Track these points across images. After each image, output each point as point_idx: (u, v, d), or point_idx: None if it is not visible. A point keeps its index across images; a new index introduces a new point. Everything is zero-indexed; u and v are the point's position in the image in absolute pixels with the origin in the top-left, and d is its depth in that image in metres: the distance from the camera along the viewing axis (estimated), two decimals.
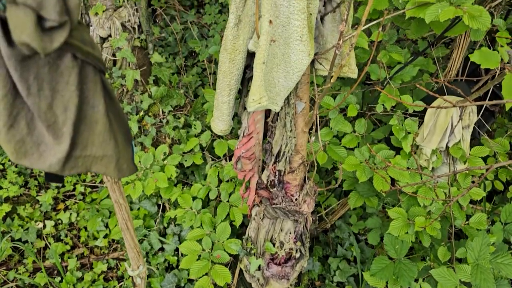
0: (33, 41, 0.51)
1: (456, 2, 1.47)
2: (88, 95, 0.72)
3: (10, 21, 0.51)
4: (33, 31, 0.50)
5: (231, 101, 1.64)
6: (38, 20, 0.51)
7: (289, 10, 1.35)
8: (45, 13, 0.51)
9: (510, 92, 1.47)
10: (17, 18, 0.50)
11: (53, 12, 0.51)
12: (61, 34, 0.54)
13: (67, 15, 0.54)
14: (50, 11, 0.51)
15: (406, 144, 1.90)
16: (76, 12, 0.55)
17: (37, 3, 0.50)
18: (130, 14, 2.24)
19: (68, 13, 0.54)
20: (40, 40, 0.52)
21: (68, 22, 0.54)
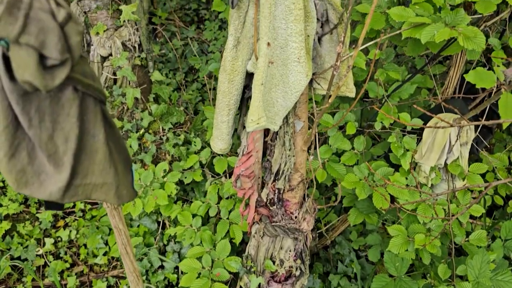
0: (35, 79, 0.53)
1: (451, 23, 1.49)
2: (88, 125, 0.73)
3: (13, 60, 0.52)
4: (35, 70, 0.52)
5: (230, 121, 1.66)
6: (40, 59, 0.53)
7: (286, 32, 1.37)
8: (47, 52, 0.52)
9: (507, 111, 1.48)
10: (20, 58, 0.51)
11: (55, 51, 0.53)
12: (62, 71, 0.55)
13: (69, 53, 0.55)
14: (52, 50, 0.52)
15: (405, 161, 1.90)
16: (78, 49, 0.57)
17: (40, 42, 0.52)
18: (131, 33, 2.27)
19: (69, 50, 0.55)
20: (42, 79, 0.53)
21: (69, 59, 0.56)
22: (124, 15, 2.06)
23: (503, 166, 2.45)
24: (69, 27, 0.54)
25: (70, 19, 0.54)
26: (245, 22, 1.48)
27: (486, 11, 1.58)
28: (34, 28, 0.51)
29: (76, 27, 0.55)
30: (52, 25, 0.53)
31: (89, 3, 2.19)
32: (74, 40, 0.55)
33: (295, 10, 1.33)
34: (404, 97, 2.04)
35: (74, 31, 0.55)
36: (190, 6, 5.33)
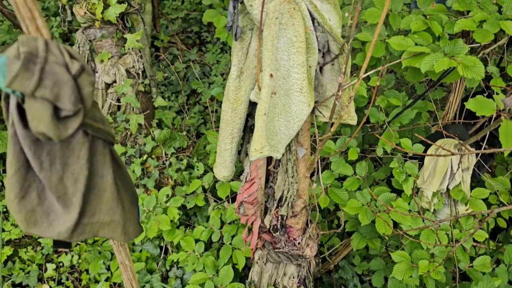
0: (50, 131, 0.54)
1: (450, 52, 1.52)
2: (97, 166, 0.75)
3: (29, 112, 0.54)
4: (50, 122, 0.54)
5: (234, 149, 1.67)
6: (54, 110, 0.55)
7: (289, 63, 1.40)
8: (61, 104, 0.54)
9: (507, 138, 1.50)
10: (35, 110, 0.53)
11: (69, 103, 0.55)
12: (75, 121, 0.57)
13: (81, 103, 0.57)
14: (65, 102, 0.54)
15: (407, 187, 1.91)
16: (90, 99, 0.58)
17: (54, 95, 0.54)
18: (135, 60, 2.31)
19: (82, 101, 0.57)
20: (56, 130, 0.55)
21: (82, 109, 0.58)
22: (128, 44, 2.10)
23: (506, 189, 2.46)
24: (82, 79, 0.56)
25: (83, 71, 0.56)
26: (248, 53, 1.51)
27: (484, 40, 1.61)
28: (49, 82, 0.53)
29: (89, 78, 0.57)
30: (66, 78, 0.55)
31: (94, 31, 2.24)
32: (86, 90, 0.57)
33: (297, 43, 1.36)
34: (405, 122, 2.06)
35: (87, 82, 0.57)
36: (192, 28, 5.42)
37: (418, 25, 1.72)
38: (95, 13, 2.06)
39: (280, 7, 1.31)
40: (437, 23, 1.72)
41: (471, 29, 1.64)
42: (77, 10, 2.12)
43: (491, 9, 1.75)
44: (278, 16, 1.31)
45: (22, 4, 0.57)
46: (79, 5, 2.11)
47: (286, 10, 1.32)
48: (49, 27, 3.53)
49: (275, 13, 1.31)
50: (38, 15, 0.59)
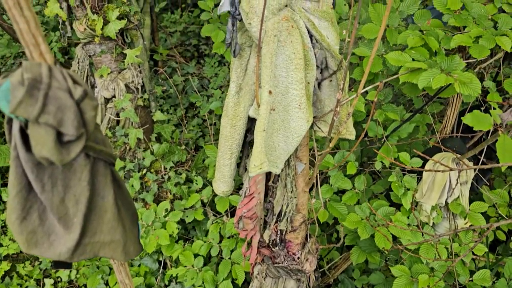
0: (52, 156, 0.55)
1: (447, 69, 1.54)
2: (98, 187, 0.75)
3: (32, 138, 0.55)
4: (53, 147, 0.54)
5: (233, 164, 1.68)
6: (57, 135, 0.55)
7: (287, 80, 1.41)
8: (64, 129, 0.55)
9: (504, 153, 1.51)
10: (39, 136, 0.54)
11: (72, 128, 0.55)
12: (77, 146, 0.58)
13: (84, 127, 0.58)
14: (68, 127, 0.55)
15: (406, 201, 1.92)
16: (92, 123, 0.59)
17: (57, 121, 0.54)
18: (134, 75, 2.32)
19: (84, 125, 0.58)
20: (59, 154, 0.55)
21: (84, 133, 0.58)
22: (128, 59, 2.12)
23: (504, 202, 2.46)
24: (84, 104, 0.57)
25: (86, 96, 0.57)
26: (247, 69, 1.52)
27: (480, 56, 1.63)
28: (53, 108, 0.54)
29: (91, 103, 0.58)
30: (69, 103, 0.55)
31: (94, 47, 2.26)
32: (89, 115, 0.58)
33: (296, 60, 1.37)
34: (403, 136, 2.08)
35: (90, 107, 0.58)
36: (190, 41, 5.46)
37: (415, 40, 1.74)
38: (95, 29, 2.08)
39: (279, 25, 1.33)
40: (433, 39, 1.74)
41: (467, 45, 1.66)
42: (77, 26, 2.14)
43: (486, 24, 1.77)
44: (276, 33, 1.33)
45: (26, 31, 0.58)
46: (79, 21, 2.13)
47: (285, 28, 1.33)
48: (49, 41, 3.56)
49: (274, 31, 1.32)
50: (41, 41, 0.60)
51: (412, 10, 1.96)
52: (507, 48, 1.64)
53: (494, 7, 1.85)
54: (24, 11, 0.57)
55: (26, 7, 0.57)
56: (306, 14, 1.37)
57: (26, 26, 0.57)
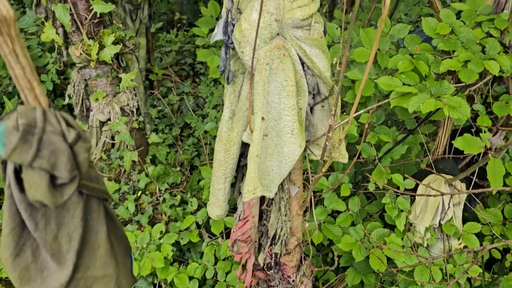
0: (46, 199, 0.56)
1: (436, 93, 1.56)
2: (92, 224, 0.76)
3: (26, 181, 0.56)
4: (46, 190, 0.56)
5: (227, 188, 1.69)
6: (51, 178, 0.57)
7: (280, 106, 1.43)
8: (58, 172, 0.56)
9: (495, 177, 1.53)
10: (33, 180, 0.55)
11: (65, 171, 0.56)
12: (70, 188, 0.59)
13: (77, 169, 0.59)
14: (62, 170, 0.56)
15: (400, 222, 1.93)
16: (85, 165, 0.60)
17: (51, 165, 0.56)
18: (129, 98, 2.35)
19: (77, 167, 0.59)
20: (52, 197, 0.57)
21: (77, 175, 0.59)
22: (123, 83, 2.14)
23: (498, 221, 2.47)
24: (78, 146, 0.58)
25: (79, 138, 0.59)
26: (240, 95, 1.55)
27: (469, 80, 1.66)
28: (46, 152, 0.55)
29: (84, 145, 0.59)
30: (62, 146, 0.57)
31: (90, 71, 2.28)
32: (82, 157, 0.59)
33: (288, 87, 1.40)
34: (396, 158, 2.10)
35: (83, 149, 0.59)
36: (186, 60, 5.51)
37: (405, 65, 1.78)
38: (91, 54, 2.11)
39: (271, 53, 1.35)
40: (423, 63, 1.77)
41: (456, 69, 1.70)
42: (72, 51, 2.17)
43: (475, 48, 1.81)
44: (268, 62, 1.35)
45: (21, 76, 0.59)
46: (75, 46, 2.15)
47: (276, 56, 1.36)
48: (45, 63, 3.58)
49: (266, 59, 1.35)
50: (36, 85, 0.61)
51: (403, 34, 2.00)
52: (495, 72, 1.68)
53: (482, 31, 1.90)
54: (20, 58, 0.58)
55: (21, 54, 0.58)
56: (297, 42, 1.40)
57: (21, 72, 0.59)
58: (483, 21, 1.91)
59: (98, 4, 2.01)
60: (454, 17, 1.93)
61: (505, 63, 1.71)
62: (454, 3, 2.04)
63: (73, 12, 2.08)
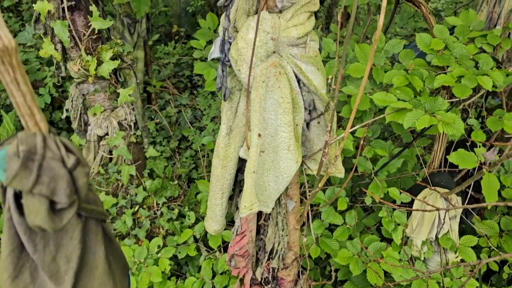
0: (45, 224, 0.57)
1: (430, 109, 1.59)
2: (90, 244, 0.77)
3: (25, 207, 0.57)
4: (46, 216, 0.57)
5: (224, 203, 1.70)
6: (50, 204, 0.58)
7: (276, 123, 1.45)
8: (57, 198, 0.57)
9: (490, 191, 1.54)
10: (32, 206, 0.56)
11: (64, 196, 0.58)
12: (69, 212, 0.60)
13: (76, 194, 0.60)
14: (61, 196, 0.57)
15: (397, 236, 1.94)
16: (84, 189, 0.62)
17: (51, 190, 0.57)
18: (127, 113, 2.36)
19: (76, 191, 0.60)
20: (52, 222, 0.58)
21: (76, 200, 0.61)
22: (121, 98, 2.16)
23: (495, 233, 2.48)
24: (77, 171, 0.60)
25: (79, 163, 0.60)
26: (237, 112, 1.56)
27: (463, 95, 1.68)
28: (46, 178, 0.57)
29: (84, 170, 0.61)
30: (62, 172, 0.58)
31: (88, 86, 2.30)
32: (81, 181, 0.60)
33: (284, 104, 1.42)
34: (392, 171, 2.11)
35: (82, 174, 0.60)
36: (184, 72, 5.54)
37: (400, 80, 1.80)
38: (89, 70, 2.13)
39: (267, 71, 1.37)
40: (418, 78, 1.80)
41: (450, 85, 1.72)
42: (71, 66, 2.18)
43: (468, 64, 1.84)
44: (265, 79, 1.37)
45: (22, 104, 0.61)
46: (73, 61, 2.17)
47: (272, 74, 1.38)
48: (43, 76, 3.60)
49: (262, 77, 1.37)
50: (36, 111, 0.63)
51: (397, 50, 2.03)
52: (488, 87, 1.70)
53: (475, 47, 1.93)
54: (21, 86, 0.60)
55: (22, 82, 0.60)
56: (293, 59, 1.42)
57: (22, 99, 0.60)
58: (476, 37, 1.94)
59: (97, 20, 2.04)
60: (447, 32, 1.96)
61: (498, 79, 1.73)
62: (448, 18, 2.08)
63: (71, 28, 2.10)
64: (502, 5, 2.04)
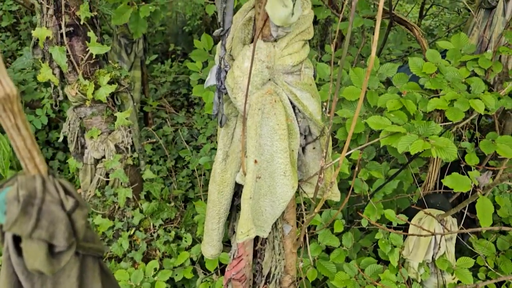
0: (44, 268, 0.58)
1: (424, 133, 1.61)
2: (87, 281, 0.77)
3: (25, 252, 0.58)
4: (45, 259, 0.57)
5: (221, 228, 1.70)
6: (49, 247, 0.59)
7: (272, 149, 1.47)
8: (56, 241, 0.58)
9: (484, 214, 1.56)
10: (32, 250, 0.57)
11: (63, 240, 0.59)
12: (68, 254, 0.61)
13: (74, 237, 0.61)
14: (60, 239, 0.58)
15: (393, 258, 1.94)
16: (82, 231, 0.63)
17: (49, 234, 0.58)
18: (124, 135, 2.37)
19: (75, 234, 0.61)
20: (50, 266, 0.58)
21: (74, 242, 0.61)
22: (118, 122, 2.17)
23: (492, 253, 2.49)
24: (75, 214, 0.61)
25: (77, 206, 0.61)
26: (233, 138, 1.58)
27: (455, 119, 1.71)
28: (45, 222, 0.58)
29: (82, 212, 0.62)
30: (61, 215, 0.59)
31: (85, 110, 2.31)
32: (79, 223, 0.61)
33: (280, 130, 1.43)
34: (388, 193, 2.12)
35: (80, 216, 0.61)
36: (180, 90, 5.58)
37: (394, 104, 1.83)
38: (86, 94, 2.15)
39: (262, 99, 1.39)
40: (411, 102, 1.82)
41: (443, 108, 1.75)
42: (68, 90, 2.20)
43: (460, 87, 1.87)
44: (260, 107, 1.39)
45: (22, 148, 0.62)
46: (71, 86, 2.19)
47: (268, 101, 1.40)
48: (41, 97, 3.62)
49: (258, 104, 1.39)
50: (36, 154, 0.64)
51: (391, 73, 2.06)
52: (480, 110, 1.73)
53: (467, 70, 1.96)
54: (21, 131, 0.61)
55: (23, 127, 0.61)
56: (288, 87, 1.44)
57: (22, 143, 0.62)
58: (467, 60, 1.97)
59: (95, 46, 2.06)
60: (439, 56, 2.00)
61: (490, 102, 1.76)
62: (440, 42, 2.12)
63: (69, 54, 2.13)
64: (492, 29, 2.08)
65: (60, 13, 2.04)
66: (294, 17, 1.31)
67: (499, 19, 2.09)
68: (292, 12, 1.29)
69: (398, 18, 2.54)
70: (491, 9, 2.13)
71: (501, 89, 2.02)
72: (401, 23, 2.50)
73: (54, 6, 2.03)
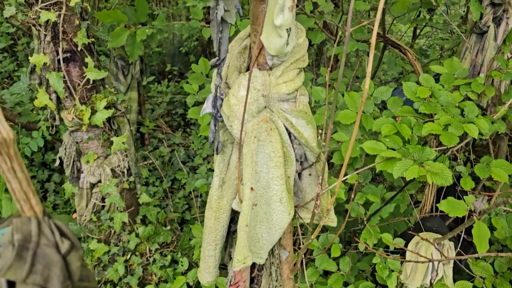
0: None
1: (419, 159, 1.62)
2: None
3: None
4: None
5: (217, 255, 1.69)
6: None
7: (268, 176, 1.47)
8: (50, 285, 0.58)
9: (481, 240, 1.56)
10: None
11: (58, 283, 0.58)
12: None
13: (69, 279, 0.61)
14: (55, 283, 0.58)
15: (391, 283, 1.93)
16: (77, 273, 0.62)
17: (44, 279, 0.57)
18: (120, 159, 2.37)
19: (70, 276, 0.61)
20: None
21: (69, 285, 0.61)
22: (115, 147, 2.18)
23: (490, 275, 2.48)
24: (71, 256, 0.60)
25: (73, 248, 0.61)
26: (229, 164, 1.58)
27: (450, 143, 1.72)
28: (40, 266, 0.57)
29: (78, 254, 0.62)
30: (56, 258, 0.59)
31: (81, 134, 2.32)
32: (75, 266, 0.61)
33: (275, 157, 1.44)
34: (384, 216, 2.12)
35: (76, 258, 0.61)
36: (177, 111, 5.60)
37: (389, 128, 1.84)
38: (83, 119, 2.16)
39: (258, 126, 1.40)
40: (406, 126, 1.84)
41: (437, 133, 1.76)
42: (65, 115, 2.21)
43: (454, 111, 1.89)
44: (256, 134, 1.40)
45: (18, 190, 0.62)
46: (68, 110, 2.20)
47: (264, 129, 1.41)
48: (37, 119, 3.62)
49: (254, 132, 1.40)
50: (32, 196, 0.64)
51: (386, 96, 2.08)
52: (474, 135, 1.75)
53: (460, 94, 1.99)
54: (17, 173, 0.61)
55: (19, 170, 0.62)
56: (284, 114, 1.45)
57: (18, 186, 0.62)
58: (461, 84, 2.00)
59: (92, 71, 2.08)
60: (433, 80, 2.02)
61: (483, 126, 1.78)
62: (433, 66, 2.15)
63: (66, 79, 2.14)
64: (484, 54, 2.12)
65: (58, 40, 2.06)
66: (289, 47, 1.33)
67: (490, 43, 2.13)
68: (287, 42, 1.31)
69: (391, 41, 2.58)
70: (482, 34, 2.17)
71: (494, 113, 2.05)
72: (394, 47, 2.54)
73: (52, 33, 2.05)
